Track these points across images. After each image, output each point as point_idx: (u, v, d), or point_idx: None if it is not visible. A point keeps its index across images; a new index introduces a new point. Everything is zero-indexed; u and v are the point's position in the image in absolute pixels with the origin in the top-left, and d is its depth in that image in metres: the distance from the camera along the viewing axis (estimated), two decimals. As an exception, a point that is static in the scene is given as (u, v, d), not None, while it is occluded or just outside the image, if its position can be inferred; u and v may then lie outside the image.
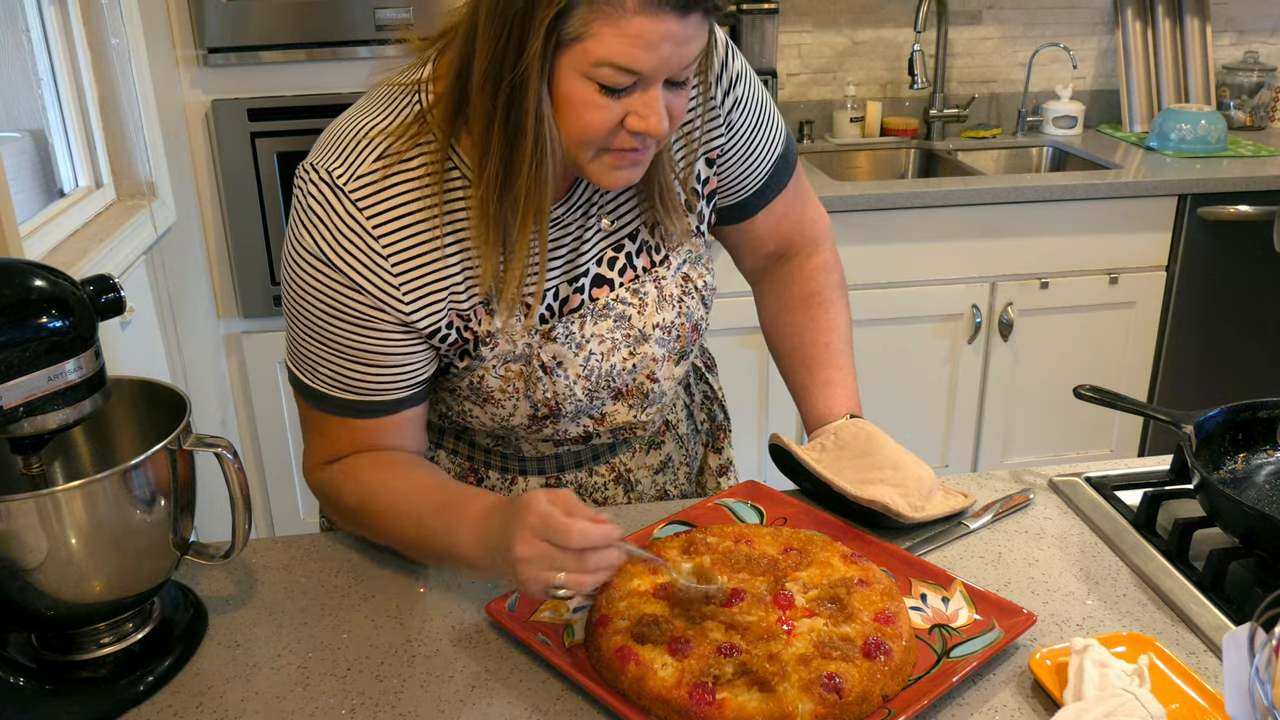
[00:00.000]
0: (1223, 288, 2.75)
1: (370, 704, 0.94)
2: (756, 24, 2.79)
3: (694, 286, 1.19)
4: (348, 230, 1.02)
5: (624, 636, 0.95)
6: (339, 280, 1.03)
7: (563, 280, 1.12)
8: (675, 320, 1.18)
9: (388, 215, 1.02)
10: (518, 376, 1.12)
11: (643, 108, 0.96)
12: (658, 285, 1.16)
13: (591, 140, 0.98)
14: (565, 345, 1.12)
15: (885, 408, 2.78)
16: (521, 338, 1.10)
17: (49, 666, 0.99)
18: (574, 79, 0.94)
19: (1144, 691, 0.88)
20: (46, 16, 1.99)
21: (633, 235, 1.15)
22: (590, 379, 1.14)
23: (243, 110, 2.51)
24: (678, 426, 1.34)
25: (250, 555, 1.17)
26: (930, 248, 2.62)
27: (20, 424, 0.89)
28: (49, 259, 1.77)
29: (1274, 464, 1.21)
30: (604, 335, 1.14)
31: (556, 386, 1.12)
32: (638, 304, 1.15)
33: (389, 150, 1.02)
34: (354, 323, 1.05)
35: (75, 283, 0.92)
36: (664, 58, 0.93)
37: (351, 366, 1.07)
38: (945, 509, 1.18)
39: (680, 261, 1.18)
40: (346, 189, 1.02)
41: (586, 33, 0.91)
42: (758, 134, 1.21)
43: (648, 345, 1.16)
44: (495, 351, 1.10)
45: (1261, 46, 3.28)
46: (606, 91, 0.94)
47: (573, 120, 0.96)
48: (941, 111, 3.11)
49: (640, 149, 1.00)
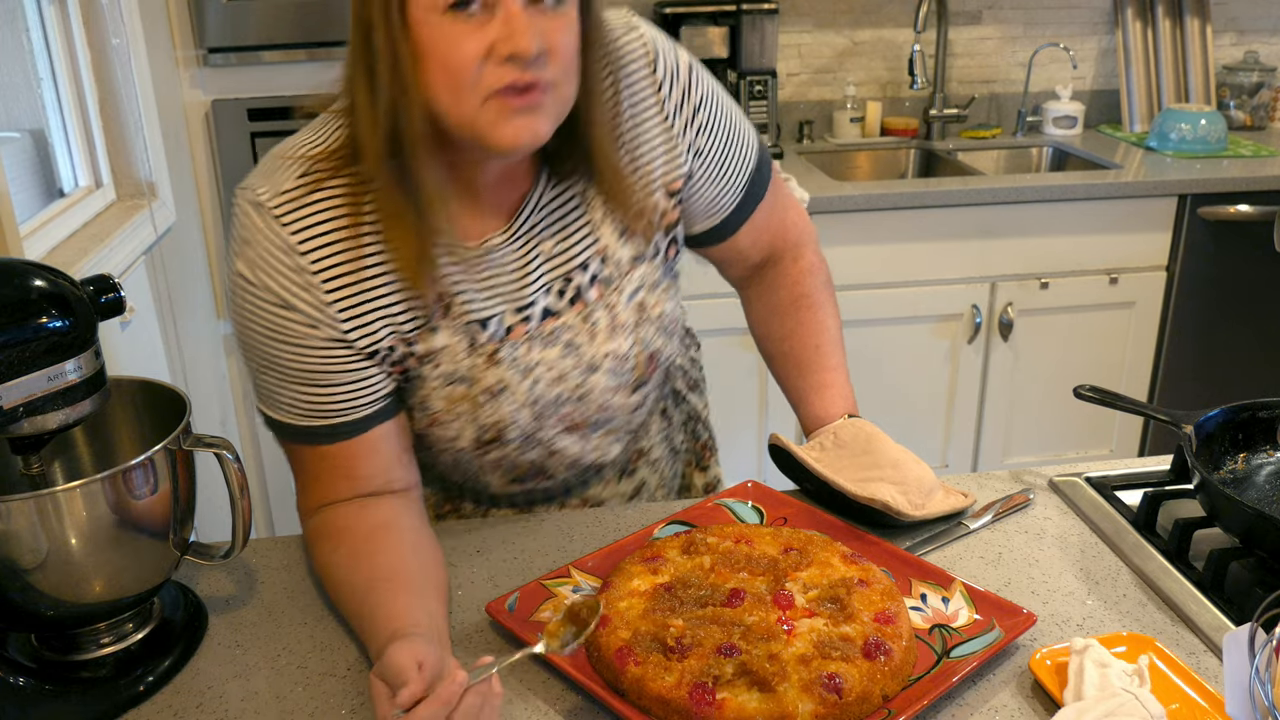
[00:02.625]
0: (1223, 288, 2.75)
1: (370, 704, 0.94)
2: (756, 24, 2.79)
3: (650, 315, 1.15)
4: (273, 248, 1.00)
5: (624, 636, 0.95)
6: (271, 301, 1.01)
7: (508, 309, 1.09)
8: (629, 349, 1.14)
9: (312, 232, 1.00)
10: (462, 399, 1.09)
11: (505, 28, 0.91)
12: (610, 313, 1.13)
13: (463, 81, 0.93)
14: (510, 370, 1.09)
15: (885, 408, 2.78)
16: (465, 359, 1.08)
17: (49, 666, 0.99)
18: (426, 21, 0.92)
19: (1144, 691, 0.88)
20: (46, 16, 1.99)
21: (584, 265, 1.11)
22: (535, 405, 1.11)
23: (243, 110, 2.51)
24: (651, 452, 1.32)
25: (250, 555, 1.17)
26: (930, 248, 2.62)
27: (20, 424, 0.89)
28: (49, 259, 1.77)
29: (1274, 464, 1.20)
30: (551, 363, 1.11)
31: (500, 411, 1.10)
32: (588, 331, 1.12)
33: (312, 169, 1.01)
34: (294, 344, 1.03)
35: (75, 283, 0.92)
36: None
37: (305, 390, 1.05)
38: (946, 507, 1.18)
39: (635, 289, 1.14)
40: (269, 206, 1.00)
41: None
42: (728, 154, 1.19)
43: (598, 375, 1.13)
44: (438, 371, 1.08)
45: (1261, 46, 3.28)
46: (457, 12, 0.91)
47: (438, 67, 0.93)
48: (941, 111, 3.11)
49: (525, 82, 0.93)
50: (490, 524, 1.22)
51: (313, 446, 1.08)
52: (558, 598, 1.05)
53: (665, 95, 1.11)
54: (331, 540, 1.06)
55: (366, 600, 0.99)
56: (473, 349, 1.08)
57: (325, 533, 1.07)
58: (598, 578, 1.08)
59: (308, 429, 1.07)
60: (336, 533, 1.06)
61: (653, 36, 1.12)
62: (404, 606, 0.96)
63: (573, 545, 1.17)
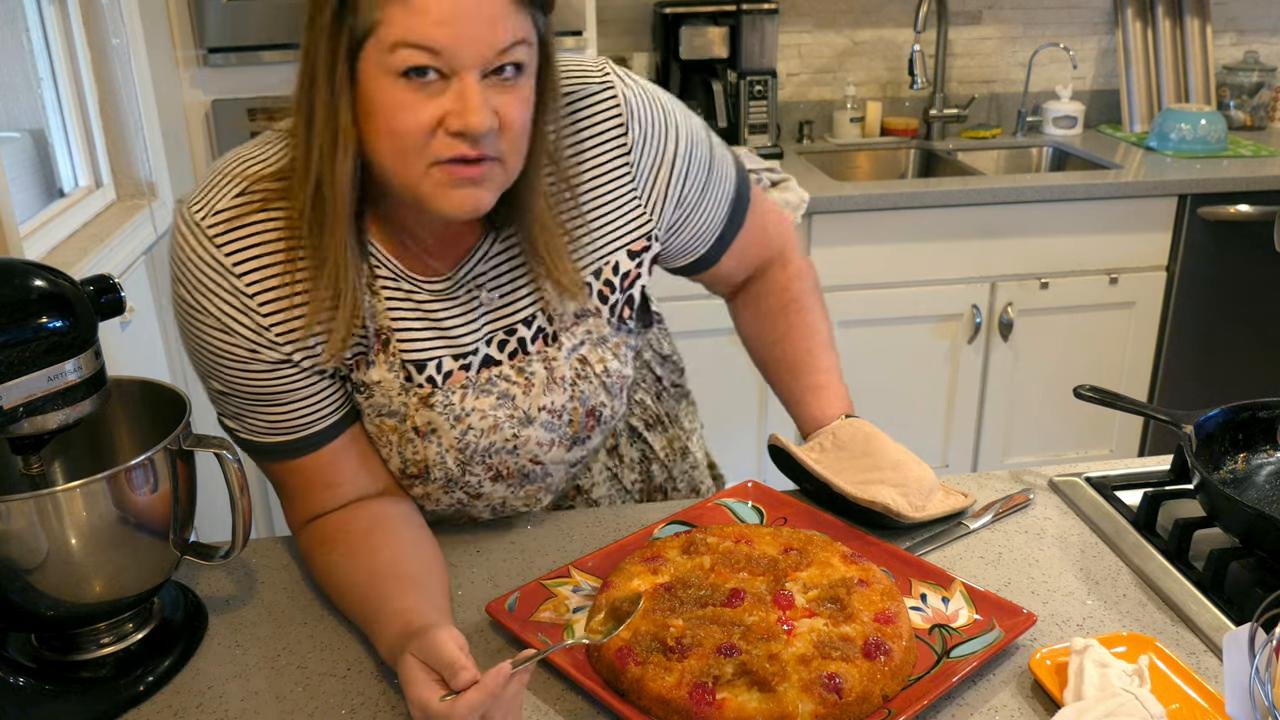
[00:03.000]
0: (1223, 288, 2.75)
1: (370, 704, 0.94)
2: (756, 24, 2.79)
3: (592, 371, 1.12)
4: (210, 270, 0.99)
5: (624, 636, 0.95)
6: (211, 325, 1.00)
7: (447, 355, 1.07)
8: (566, 404, 1.12)
9: (247, 253, 0.98)
10: (391, 431, 1.08)
11: (457, 103, 0.89)
12: (547, 366, 1.11)
13: (409, 146, 0.91)
14: (443, 415, 1.07)
15: (885, 408, 2.78)
16: (398, 396, 1.06)
17: (49, 666, 0.99)
18: (377, 78, 0.89)
19: (1144, 691, 0.88)
20: (46, 16, 1.99)
21: (527, 321, 1.10)
22: (464, 452, 1.09)
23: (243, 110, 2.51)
24: (592, 491, 1.29)
25: (250, 555, 1.17)
26: (930, 248, 2.62)
27: (20, 424, 0.89)
28: (49, 259, 1.77)
29: (1274, 464, 1.20)
30: (485, 411, 1.08)
31: (427, 452, 1.08)
32: (523, 384, 1.10)
33: (253, 189, 0.99)
34: (242, 366, 1.02)
35: (75, 283, 0.92)
36: (464, 35, 0.87)
37: (263, 410, 1.04)
38: (946, 508, 1.18)
39: (576, 343, 1.12)
40: (204, 226, 0.98)
41: (378, 19, 0.87)
42: (707, 192, 1.18)
43: (532, 428, 1.11)
44: (370, 402, 1.06)
45: (1261, 46, 3.28)
46: (411, 78, 0.88)
47: (384, 129, 0.91)
48: (941, 111, 3.11)
49: (472, 157, 0.92)
50: (490, 524, 1.22)
51: (286, 462, 1.07)
52: (558, 598, 1.05)
53: (636, 159, 1.10)
54: (328, 544, 1.06)
55: (371, 596, 0.99)
56: (406, 388, 1.06)
57: (320, 539, 1.07)
58: (598, 578, 1.08)
59: (275, 445, 1.06)
60: (332, 536, 1.06)
61: (627, 96, 1.09)
62: (414, 601, 0.96)
63: (573, 545, 1.17)
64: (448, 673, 0.83)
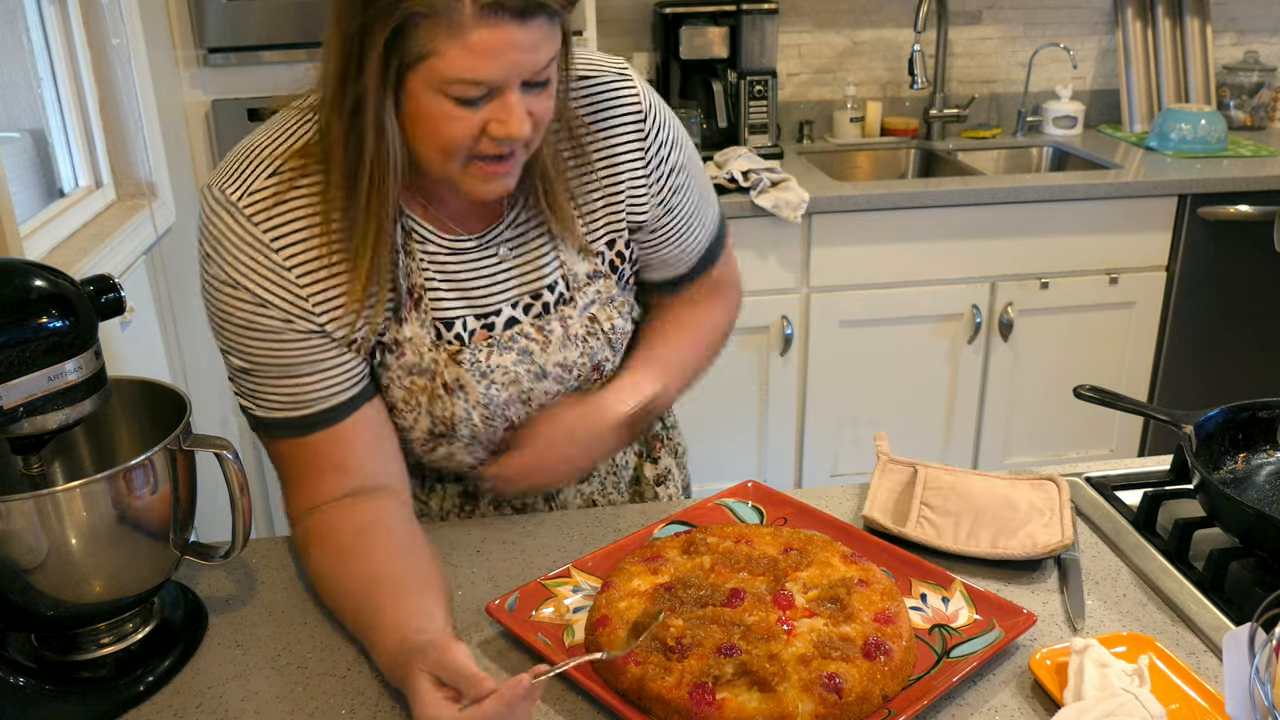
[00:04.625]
0: (1223, 288, 2.75)
1: (370, 704, 0.94)
2: (756, 24, 2.79)
3: (600, 328, 1.19)
4: (247, 248, 1.03)
5: (624, 636, 0.95)
6: (247, 300, 1.04)
7: (471, 314, 1.13)
8: (577, 359, 1.18)
9: (285, 229, 1.03)
10: (421, 390, 1.12)
11: (501, 113, 0.97)
12: (563, 324, 1.16)
13: (455, 151, 0.99)
14: (470, 371, 1.12)
15: (885, 408, 2.78)
16: (429, 353, 1.10)
17: (49, 666, 0.99)
18: (427, 94, 0.95)
19: (1144, 691, 0.88)
20: (46, 16, 1.99)
21: (551, 286, 1.16)
22: (489, 408, 1.14)
23: (243, 110, 2.51)
24: None
25: (250, 555, 1.17)
26: (930, 248, 2.62)
27: (20, 424, 0.89)
28: (49, 259, 1.77)
29: (1274, 464, 1.20)
30: (508, 367, 1.14)
31: (455, 409, 1.13)
32: (541, 340, 1.15)
33: (283, 167, 1.03)
34: (273, 338, 1.05)
35: (75, 283, 0.92)
36: (512, 64, 0.94)
37: (285, 382, 1.07)
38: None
39: (588, 301, 1.18)
40: (240, 205, 1.02)
41: (431, 50, 0.92)
42: (694, 219, 1.24)
43: (545, 382, 1.16)
44: (401, 361, 1.10)
45: (1261, 46, 3.28)
46: (462, 104, 0.95)
47: (432, 134, 0.98)
48: (941, 111, 3.11)
49: (507, 155, 1.01)
50: (490, 524, 1.22)
51: (298, 439, 1.09)
52: (558, 598, 1.05)
53: (650, 150, 1.16)
54: (319, 543, 1.07)
55: (364, 604, 0.99)
56: (437, 344, 1.11)
57: (313, 537, 1.08)
58: (598, 578, 1.08)
59: (290, 419, 1.08)
60: (324, 535, 1.07)
61: (646, 94, 1.16)
62: (408, 611, 0.96)
63: (573, 545, 1.17)
64: (466, 685, 0.83)
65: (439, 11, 0.91)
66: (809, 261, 2.59)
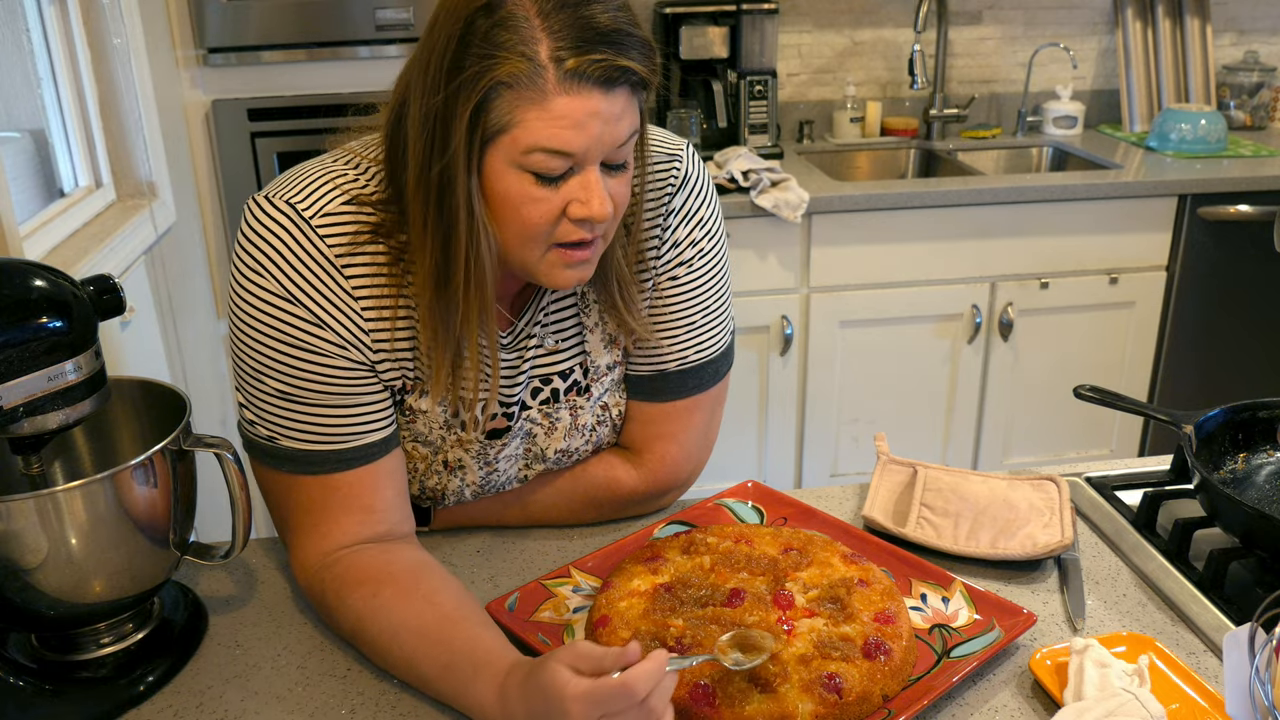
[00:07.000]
0: (1223, 288, 2.75)
1: (370, 704, 0.94)
2: (756, 24, 2.79)
3: (610, 415, 1.16)
4: (311, 262, 0.98)
5: (624, 636, 0.95)
6: (304, 317, 0.98)
7: (490, 401, 1.08)
8: (580, 446, 1.16)
9: (355, 254, 0.99)
10: (421, 459, 1.11)
11: (582, 192, 0.94)
12: (573, 412, 1.14)
13: (535, 235, 0.95)
14: (476, 458, 1.11)
15: (886, 407, 2.78)
16: (438, 430, 1.08)
17: (49, 666, 0.99)
18: (507, 173, 0.92)
19: (1144, 691, 0.88)
20: (46, 16, 1.99)
21: (564, 374, 1.12)
22: (484, 489, 1.15)
23: (243, 110, 2.51)
24: None
25: (250, 555, 1.17)
26: (930, 248, 2.62)
27: (20, 424, 0.89)
28: (49, 259, 1.77)
29: (1274, 464, 1.20)
30: (512, 455, 1.13)
31: (449, 484, 1.12)
32: (546, 426, 1.13)
33: (358, 198, 1.00)
34: (321, 361, 1.00)
35: (75, 283, 0.92)
36: (594, 135, 0.91)
37: (323, 412, 1.01)
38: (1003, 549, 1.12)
39: (602, 391, 1.15)
40: (310, 219, 0.98)
41: (512, 121, 0.90)
42: (706, 312, 1.15)
43: (544, 464, 1.16)
44: (410, 427, 1.08)
45: (1261, 46, 3.28)
46: (542, 181, 0.93)
47: (512, 217, 0.94)
48: (941, 111, 3.11)
49: (588, 242, 0.97)
50: (490, 524, 1.22)
51: (326, 475, 1.03)
52: (558, 598, 1.05)
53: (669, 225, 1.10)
54: (369, 585, 0.99)
55: (456, 637, 0.93)
56: (450, 424, 1.09)
57: (355, 580, 1.00)
58: (598, 578, 1.08)
59: (326, 453, 1.02)
60: (373, 578, 0.99)
61: (688, 171, 1.11)
62: (493, 641, 0.93)
63: (573, 545, 1.17)
64: (612, 660, 0.80)
65: (522, 81, 0.88)
66: (809, 261, 2.59)
